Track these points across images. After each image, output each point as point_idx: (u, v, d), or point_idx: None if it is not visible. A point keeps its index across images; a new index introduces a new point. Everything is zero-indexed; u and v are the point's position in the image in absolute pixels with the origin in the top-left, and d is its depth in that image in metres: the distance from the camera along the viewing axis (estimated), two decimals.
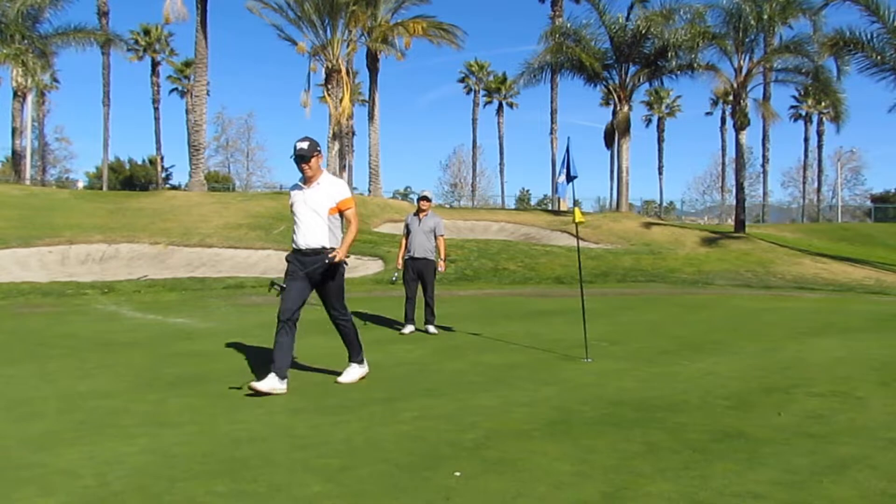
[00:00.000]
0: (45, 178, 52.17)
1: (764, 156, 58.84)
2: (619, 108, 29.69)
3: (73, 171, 61.22)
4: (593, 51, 29.08)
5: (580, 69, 29.30)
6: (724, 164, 59.10)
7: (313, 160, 5.56)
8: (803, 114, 60.47)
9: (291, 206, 5.77)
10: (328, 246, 5.58)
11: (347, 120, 34.20)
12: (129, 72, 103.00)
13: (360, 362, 5.98)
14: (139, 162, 59.48)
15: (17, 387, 5.60)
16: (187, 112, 37.16)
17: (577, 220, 7.51)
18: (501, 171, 60.25)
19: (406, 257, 8.97)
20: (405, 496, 3.30)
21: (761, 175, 59.80)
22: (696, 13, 26.64)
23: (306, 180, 5.68)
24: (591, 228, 24.64)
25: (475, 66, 59.45)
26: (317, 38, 30.05)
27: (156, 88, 52.04)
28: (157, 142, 51.59)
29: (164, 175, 55.17)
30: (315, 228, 5.61)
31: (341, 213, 5.72)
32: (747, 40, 25.98)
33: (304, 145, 5.55)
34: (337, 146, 30.90)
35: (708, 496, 3.31)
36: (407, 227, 9.04)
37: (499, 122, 61.00)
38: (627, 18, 28.93)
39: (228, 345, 7.68)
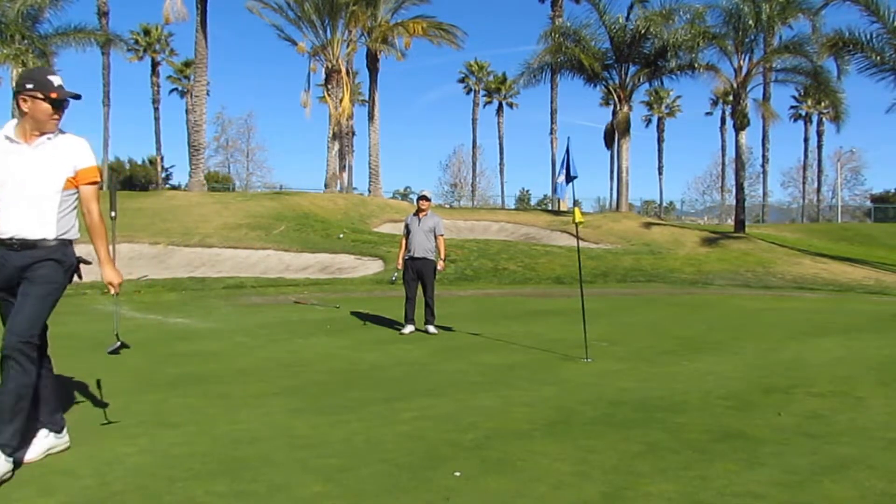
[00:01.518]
0: None
1: (764, 156, 58.88)
2: (619, 108, 29.68)
3: None
4: (593, 51, 29.07)
5: (580, 69, 29.28)
6: (723, 164, 59.19)
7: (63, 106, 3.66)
8: (803, 114, 60.50)
9: None
10: (52, 238, 3.61)
11: (347, 120, 34.25)
12: (129, 72, 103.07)
13: (59, 431, 3.81)
14: (139, 162, 59.47)
15: None
16: (187, 112, 37.18)
17: (577, 220, 7.50)
18: (501, 171, 60.36)
19: (406, 257, 8.98)
20: (405, 496, 3.30)
21: (761, 175, 59.84)
22: (696, 13, 26.64)
23: (25, 130, 3.61)
24: (591, 228, 24.63)
25: (475, 66, 59.48)
26: (317, 39, 30.14)
27: (156, 88, 52.09)
28: (157, 142, 51.48)
29: (164, 175, 55.18)
30: (34, 207, 3.57)
31: (78, 190, 3.69)
32: (747, 40, 25.97)
33: (62, 80, 3.66)
34: (337, 146, 30.93)
35: (708, 496, 3.31)
36: (407, 227, 9.05)
37: (499, 122, 61.12)
38: (627, 18, 28.92)
39: (228, 345, 7.68)
